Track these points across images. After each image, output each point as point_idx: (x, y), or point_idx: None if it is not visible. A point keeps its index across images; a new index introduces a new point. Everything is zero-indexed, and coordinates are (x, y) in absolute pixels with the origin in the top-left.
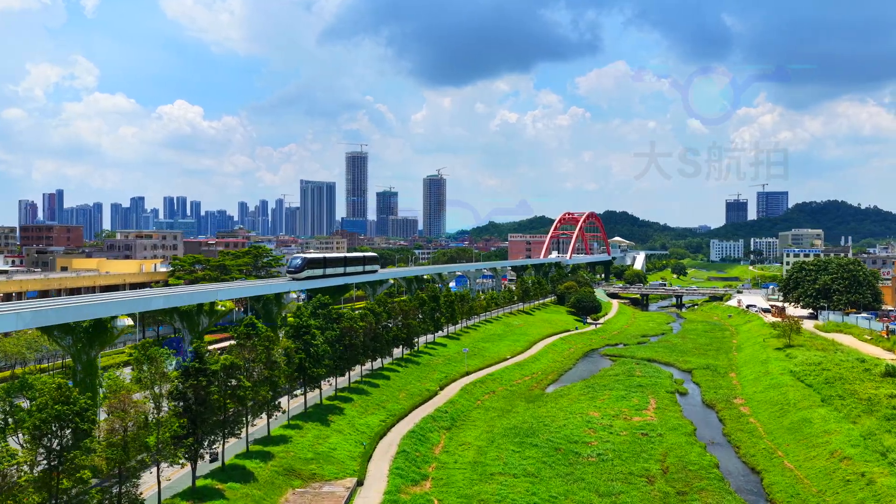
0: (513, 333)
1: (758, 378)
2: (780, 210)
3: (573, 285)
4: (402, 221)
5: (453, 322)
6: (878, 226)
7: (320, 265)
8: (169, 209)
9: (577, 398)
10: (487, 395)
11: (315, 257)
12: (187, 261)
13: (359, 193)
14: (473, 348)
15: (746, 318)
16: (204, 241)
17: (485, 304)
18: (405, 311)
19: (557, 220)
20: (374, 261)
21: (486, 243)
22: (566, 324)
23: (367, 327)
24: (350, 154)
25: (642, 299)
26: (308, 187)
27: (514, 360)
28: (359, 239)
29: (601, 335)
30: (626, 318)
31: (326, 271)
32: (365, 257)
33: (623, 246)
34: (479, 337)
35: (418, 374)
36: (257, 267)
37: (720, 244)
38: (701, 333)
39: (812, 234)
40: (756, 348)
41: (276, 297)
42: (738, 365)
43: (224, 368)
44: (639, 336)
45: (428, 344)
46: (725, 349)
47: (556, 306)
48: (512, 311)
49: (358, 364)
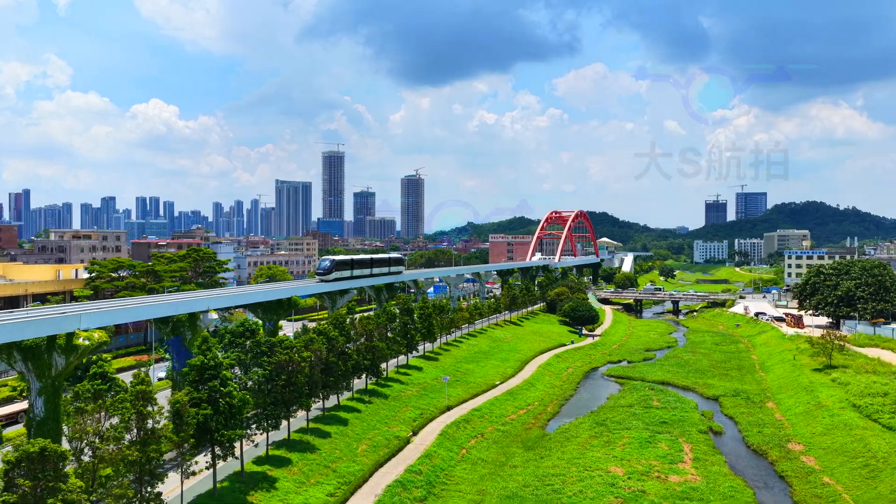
0: (501, 350)
1: (809, 412)
2: (760, 211)
3: (565, 291)
4: (379, 222)
5: (431, 339)
6: (858, 226)
7: (348, 267)
8: (141, 210)
9: (589, 442)
10: (475, 440)
11: (343, 259)
12: (107, 266)
13: (335, 194)
14: (455, 372)
15: (759, 329)
16: (154, 242)
17: (467, 315)
18: (369, 332)
19: (544, 220)
20: (399, 262)
21: (466, 244)
22: (560, 336)
23: (314, 358)
24: (327, 153)
25: (636, 305)
26: (283, 187)
27: (505, 387)
28: (333, 240)
29: (600, 349)
30: (623, 329)
31: (354, 273)
32: (390, 258)
33: (610, 247)
34: (461, 356)
35: (386, 414)
36: (198, 273)
37: (704, 245)
38: (712, 347)
39: (798, 234)
40: (787, 368)
41: (190, 319)
42: (772, 390)
43: (28, 460)
44: (642, 350)
45: (400, 368)
46: (748, 368)
47: (546, 315)
48: (498, 321)
49: (302, 409)
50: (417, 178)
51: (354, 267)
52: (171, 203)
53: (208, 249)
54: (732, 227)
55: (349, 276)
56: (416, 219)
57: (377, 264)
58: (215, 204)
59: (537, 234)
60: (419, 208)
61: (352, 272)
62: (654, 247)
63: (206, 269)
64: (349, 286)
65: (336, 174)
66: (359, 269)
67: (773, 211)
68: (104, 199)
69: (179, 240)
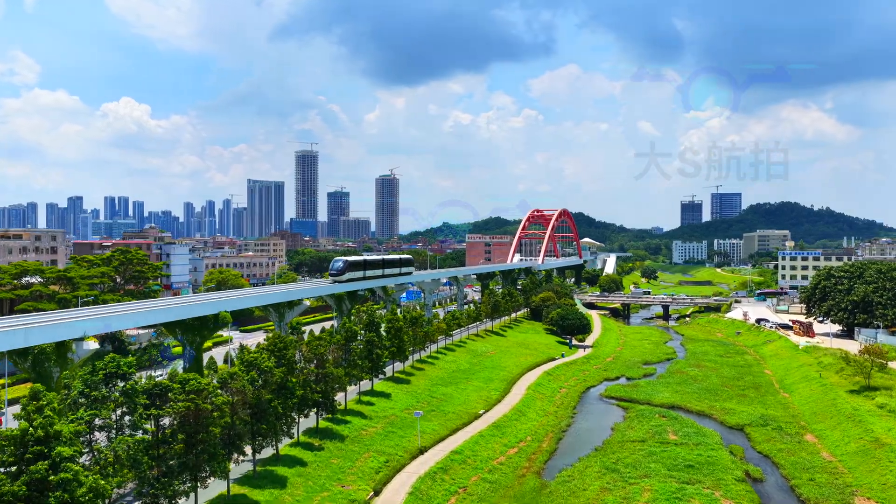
0: (483, 368)
1: (866, 451)
2: (735, 211)
3: (551, 296)
4: (353, 222)
5: (401, 358)
6: (831, 227)
7: (360, 268)
8: (110, 210)
9: (601, 499)
10: (455, 499)
11: (356, 260)
12: (10, 271)
13: (309, 194)
14: (430, 399)
15: (764, 337)
16: (98, 243)
17: (444, 326)
18: (320, 356)
19: (525, 219)
20: (409, 263)
21: (441, 245)
22: (547, 348)
23: (236, 401)
24: (300, 153)
25: (623, 310)
26: (256, 187)
27: (491, 417)
28: (303, 241)
29: (593, 363)
30: (615, 338)
31: (366, 273)
32: (401, 259)
33: (592, 248)
34: (437, 377)
35: (340, 465)
36: (126, 279)
37: (683, 245)
38: (718, 360)
39: (779, 235)
40: (815, 388)
41: (57, 350)
42: (804, 417)
43: None
44: (639, 364)
45: (362, 397)
46: (766, 386)
47: (530, 322)
48: (479, 331)
49: (215, 476)
50: (392, 177)
51: (367, 268)
52: (141, 203)
53: (138, 251)
54: (708, 228)
55: (362, 276)
56: (391, 219)
57: (388, 265)
58: (186, 204)
59: (518, 234)
60: (394, 208)
61: (364, 273)
62: (631, 247)
63: (135, 273)
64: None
65: (309, 174)
66: (371, 270)
67: (748, 211)
68: (71, 199)
69: (129, 240)
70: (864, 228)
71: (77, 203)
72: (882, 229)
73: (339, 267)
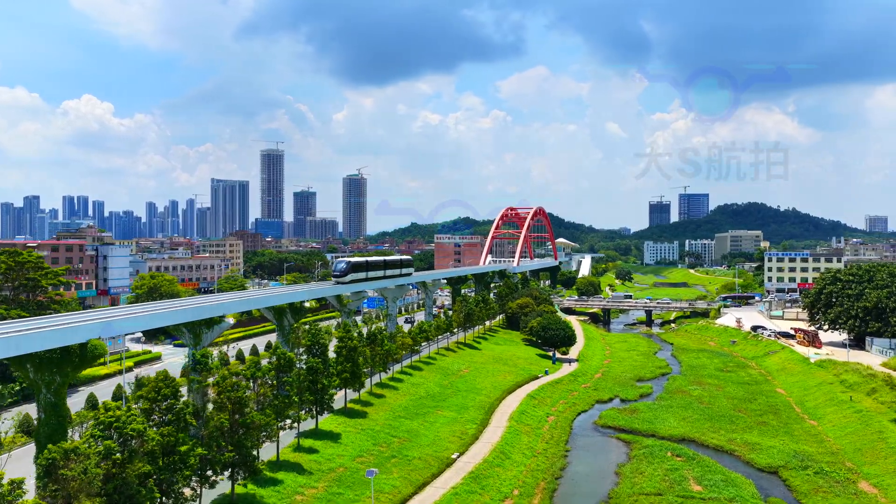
0: (456, 391)
1: None
2: (702, 211)
3: (529, 302)
4: (320, 222)
5: (355, 385)
6: (798, 227)
7: (363, 269)
8: (68, 210)
9: None
10: None
11: (358, 261)
12: None
13: (275, 193)
14: (391, 439)
15: (764, 348)
16: (23, 243)
17: (410, 341)
18: (238, 401)
19: (498, 218)
20: (409, 264)
21: (410, 245)
22: (528, 363)
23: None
24: (265, 152)
25: (603, 315)
26: (220, 186)
27: (467, 464)
28: (265, 241)
29: (581, 381)
30: (599, 348)
31: (368, 274)
32: (401, 260)
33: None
34: (400, 406)
35: None
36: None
37: (654, 246)
38: (719, 376)
39: (751, 235)
40: (848, 414)
41: None
42: (846, 453)
43: None
44: (632, 380)
45: (303, 440)
46: (785, 410)
47: (506, 332)
48: (449, 343)
49: None
50: (360, 177)
51: (369, 269)
52: (101, 203)
53: (31, 254)
54: (677, 228)
55: (364, 277)
56: (359, 219)
57: (389, 266)
58: (149, 204)
59: (491, 234)
60: (362, 208)
61: (367, 274)
62: (601, 248)
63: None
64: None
65: (275, 173)
66: (373, 272)
67: (716, 212)
68: (27, 199)
69: (63, 240)
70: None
71: (34, 203)
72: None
73: (342, 268)
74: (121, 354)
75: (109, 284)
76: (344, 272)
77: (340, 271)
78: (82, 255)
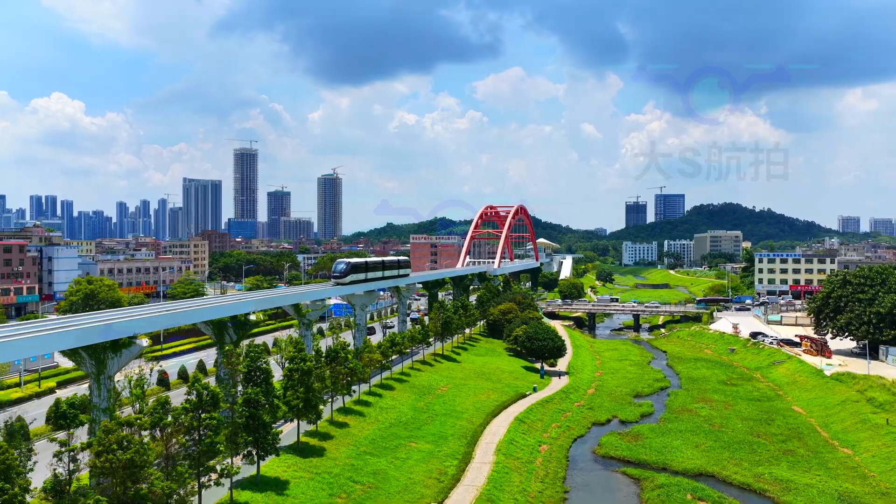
0: (432, 416)
1: None
2: (678, 212)
3: (512, 308)
4: (294, 223)
5: (309, 416)
6: (773, 227)
7: (362, 269)
8: (36, 209)
9: None
10: None
11: (358, 262)
12: None
13: (248, 193)
14: (353, 486)
15: (767, 357)
16: None
17: (379, 356)
18: (130, 465)
19: (477, 217)
20: (406, 265)
21: (385, 246)
22: (513, 377)
23: None
24: (239, 151)
25: (588, 320)
26: (192, 186)
27: None
28: (234, 242)
29: (574, 398)
30: (589, 358)
31: (368, 275)
32: (399, 261)
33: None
34: (366, 438)
35: None
36: None
37: (633, 247)
38: (726, 392)
39: (731, 235)
40: (889, 441)
41: None
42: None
43: None
44: (629, 397)
45: (242, 491)
46: (808, 434)
47: (488, 341)
48: (425, 355)
49: None
50: (335, 177)
51: (369, 270)
52: (70, 203)
53: None
54: (654, 228)
55: (364, 278)
56: (334, 219)
57: (388, 267)
58: (119, 203)
59: (470, 234)
60: (337, 208)
61: (366, 275)
62: (579, 248)
63: None
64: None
65: (249, 173)
66: (372, 272)
67: (692, 212)
68: None
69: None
70: (804, 229)
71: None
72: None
73: (342, 269)
74: (38, 373)
75: (55, 289)
76: (344, 273)
77: (341, 272)
78: (23, 256)
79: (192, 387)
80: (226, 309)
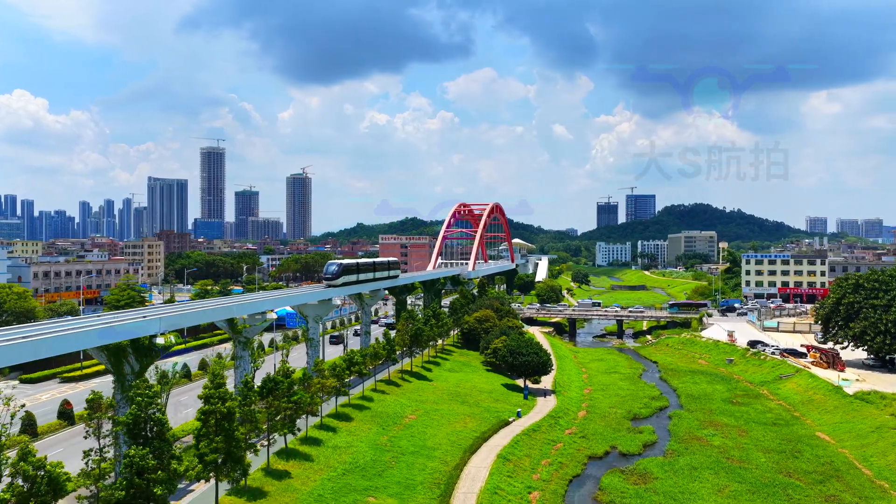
0: (397, 456)
1: None
2: (650, 212)
3: (489, 316)
4: (263, 223)
5: (232, 474)
6: (743, 228)
7: (354, 271)
8: None
9: None
10: None
11: (349, 263)
12: None
13: (215, 193)
14: None
15: (773, 370)
16: None
17: (335, 381)
18: None
19: (450, 216)
20: (396, 266)
21: (354, 247)
22: (492, 397)
23: None
24: (206, 150)
25: (569, 326)
26: (157, 185)
27: None
28: (194, 242)
29: (564, 425)
30: (575, 372)
31: (359, 277)
32: (389, 262)
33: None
34: (312, 493)
35: None
36: None
37: (607, 247)
38: (734, 413)
39: (705, 236)
40: None
41: None
42: None
43: None
44: (625, 420)
45: None
46: (846, 472)
47: (462, 353)
48: (390, 373)
49: None
50: (304, 177)
51: (360, 271)
52: (31, 202)
53: None
54: (625, 229)
55: (355, 280)
56: (304, 219)
57: (378, 268)
58: (82, 203)
59: (443, 234)
60: (307, 209)
61: (357, 276)
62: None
63: None
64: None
65: (216, 172)
66: (364, 274)
67: (663, 213)
68: None
69: None
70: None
71: None
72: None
73: (334, 271)
74: None
75: None
76: (336, 275)
77: (332, 274)
78: None
79: (19, 467)
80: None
